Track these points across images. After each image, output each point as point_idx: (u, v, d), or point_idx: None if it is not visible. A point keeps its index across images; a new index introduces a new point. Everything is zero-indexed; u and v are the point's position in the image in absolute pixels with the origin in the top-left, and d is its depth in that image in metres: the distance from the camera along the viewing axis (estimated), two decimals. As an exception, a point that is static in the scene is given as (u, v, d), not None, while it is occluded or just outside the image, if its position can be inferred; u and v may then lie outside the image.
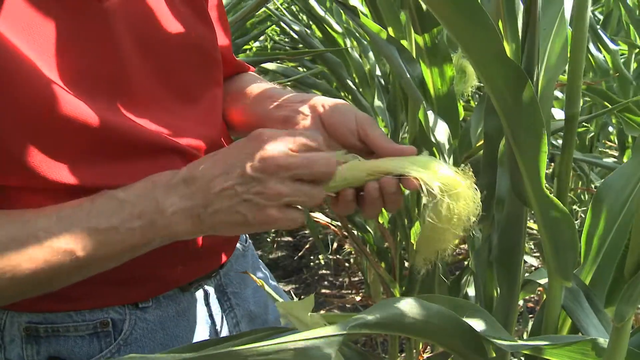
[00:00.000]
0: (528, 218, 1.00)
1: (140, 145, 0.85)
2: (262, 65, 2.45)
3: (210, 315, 1.01)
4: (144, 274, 0.89)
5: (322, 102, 0.92)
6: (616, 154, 2.69)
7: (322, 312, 2.66)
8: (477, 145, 1.56)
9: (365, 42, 2.28)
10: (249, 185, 0.75)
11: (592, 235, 0.99)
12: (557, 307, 0.93)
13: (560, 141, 1.84)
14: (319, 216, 2.49)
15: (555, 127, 1.26)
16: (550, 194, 0.81)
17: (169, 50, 0.91)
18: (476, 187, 0.79)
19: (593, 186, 2.49)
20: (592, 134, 2.77)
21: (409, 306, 0.72)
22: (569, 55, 0.84)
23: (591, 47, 2.22)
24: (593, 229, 0.99)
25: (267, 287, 0.86)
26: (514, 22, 0.89)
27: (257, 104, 1.00)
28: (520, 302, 2.47)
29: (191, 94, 0.95)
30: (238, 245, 1.11)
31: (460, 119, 1.47)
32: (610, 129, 2.84)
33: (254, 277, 0.89)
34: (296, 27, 2.54)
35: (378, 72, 2.22)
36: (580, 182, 2.70)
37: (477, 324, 0.79)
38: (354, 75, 2.27)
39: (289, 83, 2.44)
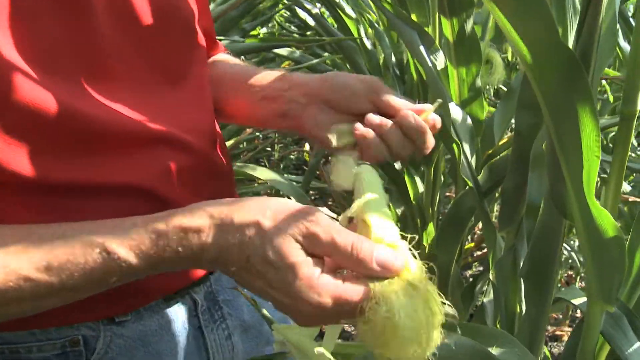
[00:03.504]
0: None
1: (119, 135, 0.72)
2: (275, 50, 2.32)
3: (199, 328, 0.88)
4: (122, 286, 0.76)
5: (311, 83, 0.85)
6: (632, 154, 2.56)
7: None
8: (500, 143, 1.45)
9: (381, 29, 2.16)
10: None
11: (634, 251, 0.87)
12: (595, 333, 0.82)
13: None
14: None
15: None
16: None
17: (149, 23, 0.78)
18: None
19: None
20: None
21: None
22: (626, 45, 0.72)
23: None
24: (635, 244, 0.87)
25: (259, 307, 0.74)
26: (561, 3, 0.77)
27: (244, 91, 0.91)
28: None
29: (176, 72, 0.83)
30: None
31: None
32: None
33: (245, 294, 0.77)
34: (313, 10, 2.41)
35: (393, 61, 2.10)
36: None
37: (508, 357, 0.67)
38: (367, 65, 2.14)
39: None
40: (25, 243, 0.61)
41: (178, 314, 0.85)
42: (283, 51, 2.35)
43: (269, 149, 3.97)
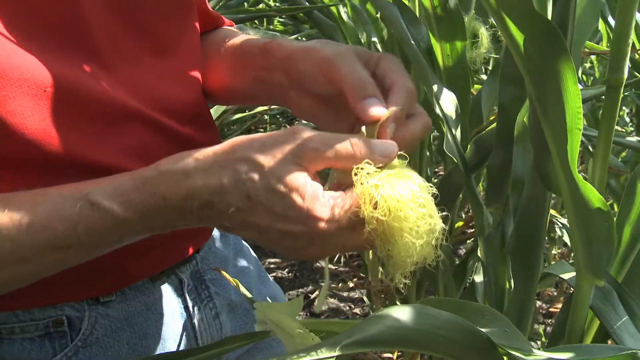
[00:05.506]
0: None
1: (90, 108, 0.69)
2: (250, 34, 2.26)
3: (186, 307, 0.87)
4: (106, 265, 0.73)
5: (290, 60, 0.76)
6: (621, 130, 2.55)
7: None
8: (489, 120, 1.43)
9: (359, 7, 2.11)
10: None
11: (623, 225, 0.86)
12: (585, 308, 0.81)
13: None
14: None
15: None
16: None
17: None
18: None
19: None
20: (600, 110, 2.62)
21: (412, 316, 0.58)
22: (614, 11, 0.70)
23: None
24: (624, 217, 0.86)
25: (242, 287, 0.72)
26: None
27: (237, 69, 0.84)
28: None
29: (164, 43, 0.79)
30: None
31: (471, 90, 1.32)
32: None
33: (226, 274, 0.76)
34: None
35: (374, 39, 2.06)
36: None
37: (495, 334, 0.66)
38: (349, 43, 2.10)
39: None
40: (3, 204, 0.58)
41: (164, 293, 0.84)
42: (256, 33, 2.30)
43: (261, 128, 3.92)
